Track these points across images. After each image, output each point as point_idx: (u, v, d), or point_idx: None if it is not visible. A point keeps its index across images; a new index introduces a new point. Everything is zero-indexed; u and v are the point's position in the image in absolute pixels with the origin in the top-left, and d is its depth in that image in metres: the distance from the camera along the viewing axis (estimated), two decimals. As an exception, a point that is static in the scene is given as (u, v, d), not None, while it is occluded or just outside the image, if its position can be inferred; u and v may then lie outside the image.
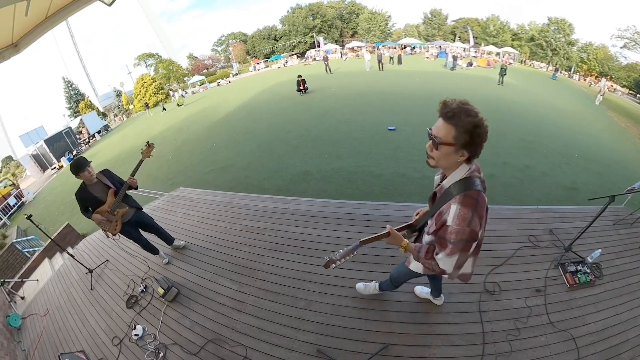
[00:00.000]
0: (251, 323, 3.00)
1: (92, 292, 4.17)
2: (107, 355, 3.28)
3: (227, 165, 8.37)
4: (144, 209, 3.99)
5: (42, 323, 4.24)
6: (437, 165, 1.44)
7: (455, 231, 1.37)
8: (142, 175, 9.29)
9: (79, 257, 4.78)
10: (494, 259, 3.03)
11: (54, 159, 22.16)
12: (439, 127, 1.34)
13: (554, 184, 5.73)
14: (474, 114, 1.27)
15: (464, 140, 1.28)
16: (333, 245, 3.47)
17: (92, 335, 3.60)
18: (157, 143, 7.46)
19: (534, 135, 8.39)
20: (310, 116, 11.02)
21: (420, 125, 8.58)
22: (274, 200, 4.56)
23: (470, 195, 1.37)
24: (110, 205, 3.34)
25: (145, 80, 34.50)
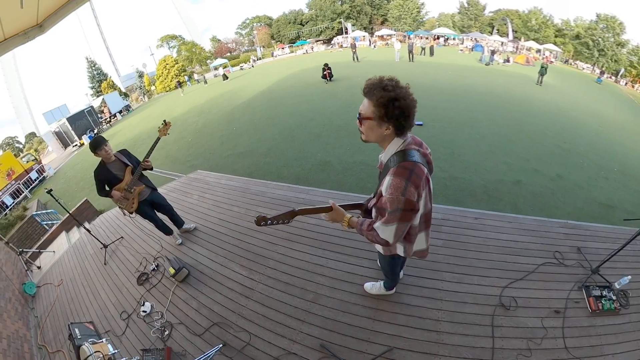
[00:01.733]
0: (257, 310, 3.07)
1: (105, 267, 4.41)
2: (115, 329, 3.47)
3: (246, 151, 8.49)
4: (161, 189, 4.14)
5: (55, 292, 4.55)
6: (367, 139, 1.54)
7: (389, 200, 1.43)
8: (161, 156, 9.73)
9: (95, 232, 5.03)
10: (513, 271, 2.93)
11: (75, 136, 23.31)
12: (362, 104, 1.47)
13: (587, 198, 5.41)
14: (390, 89, 1.34)
15: (379, 113, 1.38)
16: (347, 240, 3.49)
17: (102, 308, 3.81)
18: (177, 125, 7.61)
19: (570, 142, 7.97)
20: (334, 105, 10.96)
21: (449, 122, 8.39)
22: (292, 189, 4.61)
23: (404, 166, 1.42)
24: (128, 183, 3.51)
25: (167, 62, 35.41)
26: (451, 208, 3.72)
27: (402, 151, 1.47)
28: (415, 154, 1.46)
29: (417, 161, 1.44)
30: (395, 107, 1.34)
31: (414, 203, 1.43)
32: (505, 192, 5.34)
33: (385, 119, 1.38)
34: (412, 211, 1.46)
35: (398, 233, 1.51)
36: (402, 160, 1.44)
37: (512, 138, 7.61)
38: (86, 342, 2.26)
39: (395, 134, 1.46)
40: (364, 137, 1.55)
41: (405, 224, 1.50)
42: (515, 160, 6.45)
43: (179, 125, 13.44)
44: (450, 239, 3.29)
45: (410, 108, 1.37)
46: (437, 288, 2.86)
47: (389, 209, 1.44)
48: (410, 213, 1.47)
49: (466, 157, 6.44)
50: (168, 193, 5.40)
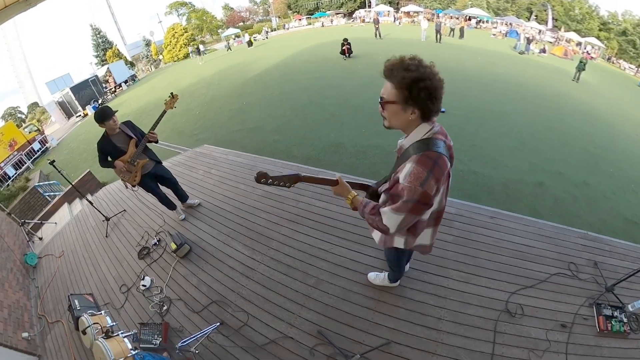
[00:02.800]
0: (257, 291, 3.20)
1: (107, 240, 4.63)
2: (114, 301, 3.69)
3: (256, 127, 8.57)
4: (166, 163, 4.26)
5: (56, 264, 4.82)
6: (391, 125, 1.51)
7: (406, 189, 1.40)
8: (167, 129, 9.91)
9: (97, 205, 5.24)
10: (523, 278, 2.95)
11: (79, 106, 23.78)
12: (384, 88, 1.43)
13: (613, 211, 5.29)
14: (413, 68, 1.30)
15: (403, 96, 1.34)
16: (354, 227, 3.56)
17: (102, 280, 4.04)
18: (185, 97, 7.68)
19: (601, 148, 7.74)
20: (352, 83, 10.86)
21: (474, 112, 8.26)
22: (301, 169, 4.67)
23: (428, 156, 1.39)
24: (131, 156, 3.61)
25: (176, 30, 35.35)
26: (466, 203, 3.73)
27: (428, 139, 1.43)
28: (441, 145, 1.43)
29: (442, 153, 1.41)
30: (420, 89, 1.29)
31: (430, 197, 1.41)
32: (525, 192, 5.31)
33: (410, 101, 1.34)
34: (425, 205, 1.44)
35: (403, 224, 1.51)
36: (426, 149, 1.40)
37: (539, 136, 7.48)
38: (85, 313, 2.42)
39: (421, 119, 1.42)
40: (386, 123, 1.51)
41: (414, 217, 1.50)
42: (540, 160, 6.37)
43: (187, 97, 13.56)
44: (461, 235, 3.32)
45: (437, 89, 1.33)
46: (443, 285, 2.92)
47: (404, 197, 1.41)
48: (423, 207, 1.45)
49: (488, 151, 6.39)
50: (173, 167, 5.52)
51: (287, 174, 1.66)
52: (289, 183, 1.66)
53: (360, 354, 2.54)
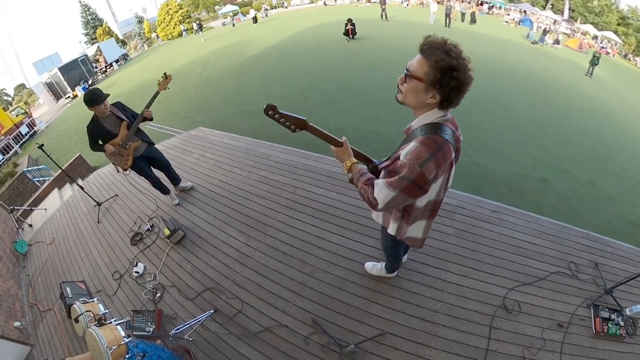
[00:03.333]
0: (252, 279, 3.28)
1: (99, 226, 4.70)
2: (106, 288, 3.77)
3: (253, 109, 8.57)
4: (159, 146, 4.29)
5: (47, 251, 4.90)
6: (404, 101, 1.51)
7: (405, 166, 1.42)
8: (160, 110, 9.92)
9: (89, 190, 5.29)
10: (523, 274, 3.02)
11: (68, 87, 23.63)
12: (414, 61, 1.41)
13: (617, 213, 5.36)
14: (454, 55, 1.30)
15: (433, 77, 1.33)
16: (353, 215, 3.62)
17: (94, 267, 4.12)
18: (179, 77, 7.65)
19: (610, 148, 7.75)
20: (354, 67, 10.80)
21: (480, 102, 8.23)
22: (299, 154, 4.71)
23: (435, 139, 1.41)
24: (123, 139, 3.62)
25: (170, 6, 34.87)
26: (468, 196, 3.77)
27: (438, 124, 1.45)
28: (449, 133, 1.45)
29: (449, 141, 1.43)
30: (452, 78, 1.31)
31: (427, 181, 1.42)
32: (529, 188, 5.36)
33: (437, 86, 1.34)
34: (419, 188, 1.45)
35: (392, 202, 1.53)
36: (433, 133, 1.43)
37: (547, 131, 7.50)
38: (77, 301, 2.45)
39: (438, 106, 1.44)
40: (401, 97, 1.51)
41: (405, 198, 1.51)
42: (546, 155, 6.41)
43: (181, 77, 13.51)
44: (462, 228, 3.38)
45: (466, 84, 1.35)
46: (440, 278, 2.99)
47: (401, 173, 1.43)
48: (417, 189, 1.46)
49: (493, 144, 6.42)
50: (166, 150, 5.55)
51: (296, 115, 1.63)
52: (294, 126, 1.64)
53: (355, 344, 2.62)
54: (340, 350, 2.62)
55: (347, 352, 2.59)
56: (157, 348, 2.42)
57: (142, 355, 2.18)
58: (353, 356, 2.60)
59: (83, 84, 23.27)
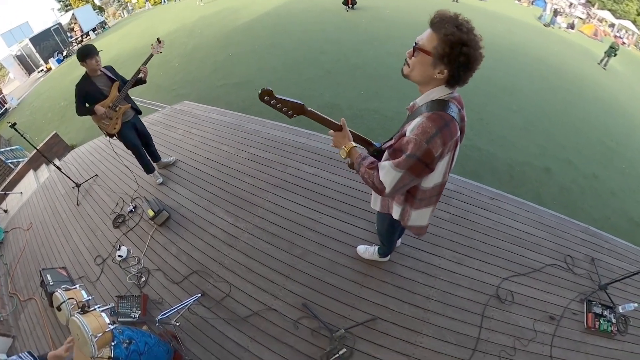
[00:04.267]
0: (240, 261, 3.40)
1: (78, 208, 4.77)
2: (89, 274, 3.88)
3: (243, 81, 8.54)
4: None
5: (25, 237, 4.97)
6: (409, 75, 1.54)
7: (412, 142, 1.45)
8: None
9: (66, 170, 5.34)
10: (518, 265, 3.15)
11: (41, 60, 23.18)
12: (424, 35, 1.44)
13: (618, 209, 5.50)
14: (465, 30, 1.33)
15: (442, 51, 1.36)
16: (346, 196, 3.71)
17: (75, 252, 4.22)
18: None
19: (617, 142, 7.83)
20: (353, 39, 10.68)
21: (485, 83, 8.25)
22: (291, 131, 4.74)
23: (441, 115, 1.45)
24: (113, 100, 3.68)
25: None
26: (467, 181, 3.85)
27: (444, 101, 1.49)
28: (455, 110, 1.50)
29: (455, 118, 1.47)
30: (462, 53, 1.33)
31: (433, 157, 1.46)
32: (530, 177, 5.47)
33: (446, 60, 1.37)
34: (426, 166, 1.49)
35: (399, 184, 1.55)
36: (440, 110, 1.46)
37: (553, 119, 7.55)
38: (59, 288, 2.46)
39: (445, 82, 1.47)
40: (406, 70, 1.53)
41: (411, 178, 1.54)
42: (550, 144, 6.49)
43: (165, 46, 13.25)
44: (458, 214, 3.48)
45: (476, 61, 1.39)
46: (434, 264, 3.12)
47: (408, 151, 1.46)
48: (424, 168, 1.50)
49: (496, 128, 6.49)
50: (149, 126, 5.44)
51: (293, 100, 1.63)
52: (291, 111, 1.64)
53: (345, 329, 2.76)
54: (331, 335, 2.75)
55: (337, 337, 2.72)
56: (143, 334, 2.53)
57: (128, 342, 2.27)
58: (343, 341, 2.73)
59: (57, 56, 22.91)
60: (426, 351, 2.69)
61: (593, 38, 21.88)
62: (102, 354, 2.02)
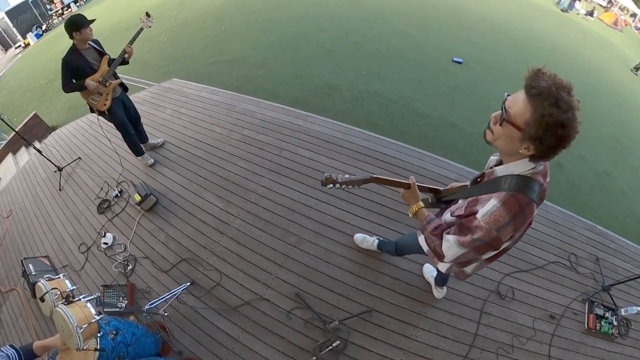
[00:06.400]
0: (232, 249, 3.48)
1: (61, 193, 4.84)
2: (73, 263, 3.98)
3: (236, 59, 8.49)
4: None
5: (4, 225, 5.05)
6: (493, 142, 1.49)
7: (481, 229, 1.46)
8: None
9: (47, 153, 5.37)
10: (520, 261, 3.23)
11: (18, 35, 22.90)
12: (516, 100, 1.36)
13: (627, 209, 5.52)
14: (564, 108, 1.25)
15: (534, 132, 1.27)
16: (344, 182, 3.76)
17: (57, 240, 4.31)
18: (150, 19, 7.40)
19: (631, 139, 7.81)
20: (355, 16, 10.53)
21: (495, 69, 8.22)
22: (287, 112, 4.78)
23: (518, 200, 1.42)
24: (103, 74, 3.69)
25: None
26: (469, 170, 3.91)
27: (527, 178, 1.44)
28: (536, 190, 1.45)
29: (534, 200, 1.44)
30: (557, 136, 1.26)
31: (501, 243, 1.49)
32: None
33: (536, 140, 1.29)
34: (492, 248, 1.53)
35: (461, 258, 1.62)
36: (519, 190, 1.42)
37: None
38: (42, 278, 2.45)
39: (531, 158, 1.41)
40: (489, 137, 1.49)
41: (475, 256, 1.60)
42: None
43: (153, 20, 13.17)
44: None
45: (569, 140, 1.29)
46: None
47: (475, 235, 1.48)
48: (489, 249, 1.54)
49: None
50: (136, 105, 5.50)
51: (359, 177, 1.77)
52: (359, 185, 1.79)
53: (339, 321, 2.86)
54: (324, 327, 2.85)
55: (331, 329, 2.81)
56: (130, 325, 2.61)
57: (115, 333, 2.36)
58: (337, 333, 2.83)
59: (36, 30, 22.67)
60: (422, 345, 2.79)
61: (613, 27, 21.57)
62: (88, 346, 2.08)
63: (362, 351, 2.80)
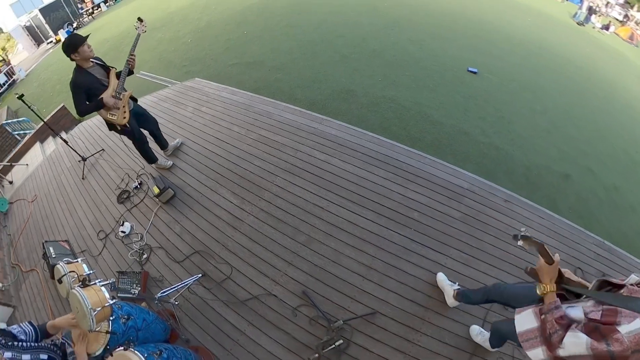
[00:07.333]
0: (244, 244, 3.49)
1: (83, 182, 4.93)
2: (91, 248, 4.05)
3: (256, 61, 8.56)
4: (150, 97, 4.29)
5: (29, 209, 5.18)
6: None
7: (621, 343, 1.43)
8: (152, 58, 10.06)
9: (73, 144, 5.49)
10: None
11: (50, 31, 23.47)
12: None
13: (637, 225, 5.39)
14: None
15: None
16: (356, 186, 3.74)
17: (78, 226, 4.39)
18: (175, 21, 7.65)
19: None
20: (373, 22, 10.56)
21: (509, 79, 8.17)
22: (304, 115, 4.77)
23: None
24: (115, 88, 3.52)
25: None
26: (481, 180, 3.83)
27: None
28: None
29: None
30: None
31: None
32: (548, 182, 5.40)
33: None
34: None
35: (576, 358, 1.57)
36: None
37: (577, 123, 7.42)
38: (61, 261, 2.52)
39: None
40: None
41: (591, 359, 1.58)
42: (571, 149, 6.39)
43: (177, 22, 13.35)
44: (470, 214, 3.48)
45: None
46: (440, 263, 3.15)
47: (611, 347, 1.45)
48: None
49: (516, 127, 6.42)
50: (158, 102, 5.71)
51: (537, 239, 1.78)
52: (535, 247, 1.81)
53: (344, 320, 2.84)
54: (328, 325, 2.84)
55: (334, 328, 2.80)
56: (142, 311, 2.63)
57: (126, 318, 2.37)
58: (341, 332, 2.82)
59: (67, 27, 23.10)
60: (423, 350, 2.76)
61: (629, 42, 21.21)
62: (100, 328, 2.09)
63: (363, 352, 2.77)
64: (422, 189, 3.63)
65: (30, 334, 2.14)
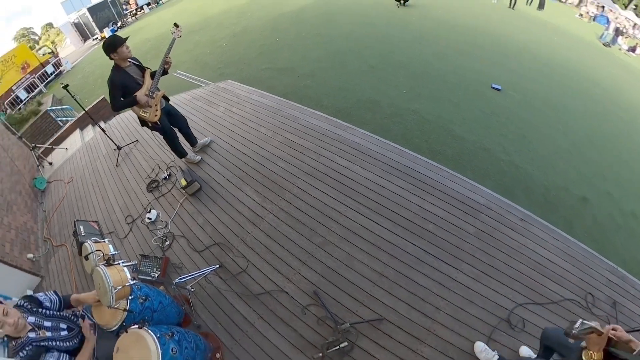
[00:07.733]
0: (261, 240, 3.57)
1: (117, 169, 5.15)
2: (118, 231, 4.23)
3: (286, 67, 8.74)
4: (185, 94, 4.46)
5: (64, 189, 5.48)
6: None
7: None
8: (189, 59, 10.35)
9: (110, 133, 5.71)
10: (536, 293, 3.08)
11: (96, 29, 24.66)
12: None
13: None
14: None
15: None
16: (375, 194, 3.76)
17: (108, 209, 4.59)
18: (212, 26, 7.87)
19: None
20: (400, 35, 10.58)
21: (532, 98, 8.06)
22: (328, 121, 4.83)
23: None
24: (149, 88, 3.69)
25: None
26: (498, 197, 3.78)
27: None
28: None
29: None
30: None
31: None
32: (565, 203, 5.29)
33: None
34: None
35: None
36: None
37: (599, 145, 7.24)
38: (89, 240, 2.62)
39: None
40: None
41: None
42: (591, 172, 6.24)
43: (214, 27, 13.81)
44: (485, 230, 3.43)
45: None
46: (451, 277, 3.12)
47: None
48: None
49: (537, 147, 6.31)
50: (192, 100, 5.90)
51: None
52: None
53: (351, 323, 2.85)
54: (335, 327, 2.85)
55: (341, 330, 2.81)
56: (159, 293, 2.72)
57: (144, 299, 2.46)
58: (346, 335, 2.83)
59: (112, 26, 24.12)
60: (425, 362, 2.73)
61: None
62: (119, 306, 2.16)
63: (366, 356, 2.77)
64: (439, 201, 3.62)
65: (55, 302, 2.25)
